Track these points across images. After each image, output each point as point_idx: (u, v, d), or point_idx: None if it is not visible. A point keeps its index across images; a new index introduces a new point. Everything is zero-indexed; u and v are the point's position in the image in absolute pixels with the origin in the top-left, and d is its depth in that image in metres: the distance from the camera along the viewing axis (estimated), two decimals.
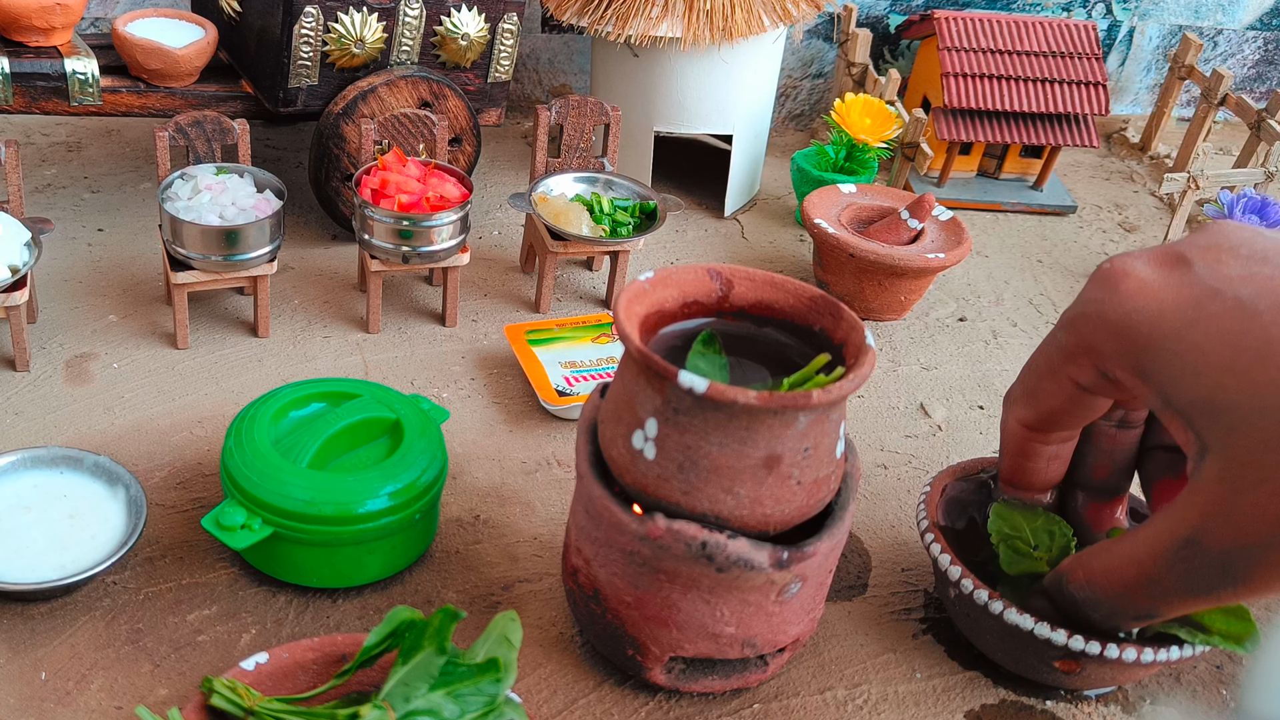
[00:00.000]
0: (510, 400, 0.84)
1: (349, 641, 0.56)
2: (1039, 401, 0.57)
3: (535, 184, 0.94)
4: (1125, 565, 0.52)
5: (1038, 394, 0.56)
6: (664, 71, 1.04)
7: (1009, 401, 0.59)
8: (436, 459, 0.66)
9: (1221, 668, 0.68)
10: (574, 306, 0.97)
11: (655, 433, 0.53)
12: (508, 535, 0.72)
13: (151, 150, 1.11)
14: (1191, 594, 0.50)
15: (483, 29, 0.97)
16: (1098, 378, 0.53)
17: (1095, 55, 1.18)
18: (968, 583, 0.61)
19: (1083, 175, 1.33)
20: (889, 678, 0.65)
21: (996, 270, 1.10)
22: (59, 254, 0.95)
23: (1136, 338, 0.49)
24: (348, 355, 0.87)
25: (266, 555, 0.64)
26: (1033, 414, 0.58)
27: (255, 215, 0.82)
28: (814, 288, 0.59)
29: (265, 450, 0.64)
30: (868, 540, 0.75)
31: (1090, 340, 0.52)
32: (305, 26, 0.89)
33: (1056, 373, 0.55)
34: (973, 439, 0.86)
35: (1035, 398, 0.57)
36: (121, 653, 0.61)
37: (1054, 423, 0.57)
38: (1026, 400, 0.58)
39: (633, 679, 0.63)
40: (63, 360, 0.83)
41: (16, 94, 0.87)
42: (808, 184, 1.08)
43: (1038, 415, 0.57)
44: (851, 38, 1.24)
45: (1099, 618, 0.56)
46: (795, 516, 0.55)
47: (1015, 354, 0.97)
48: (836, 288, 0.97)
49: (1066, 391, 0.55)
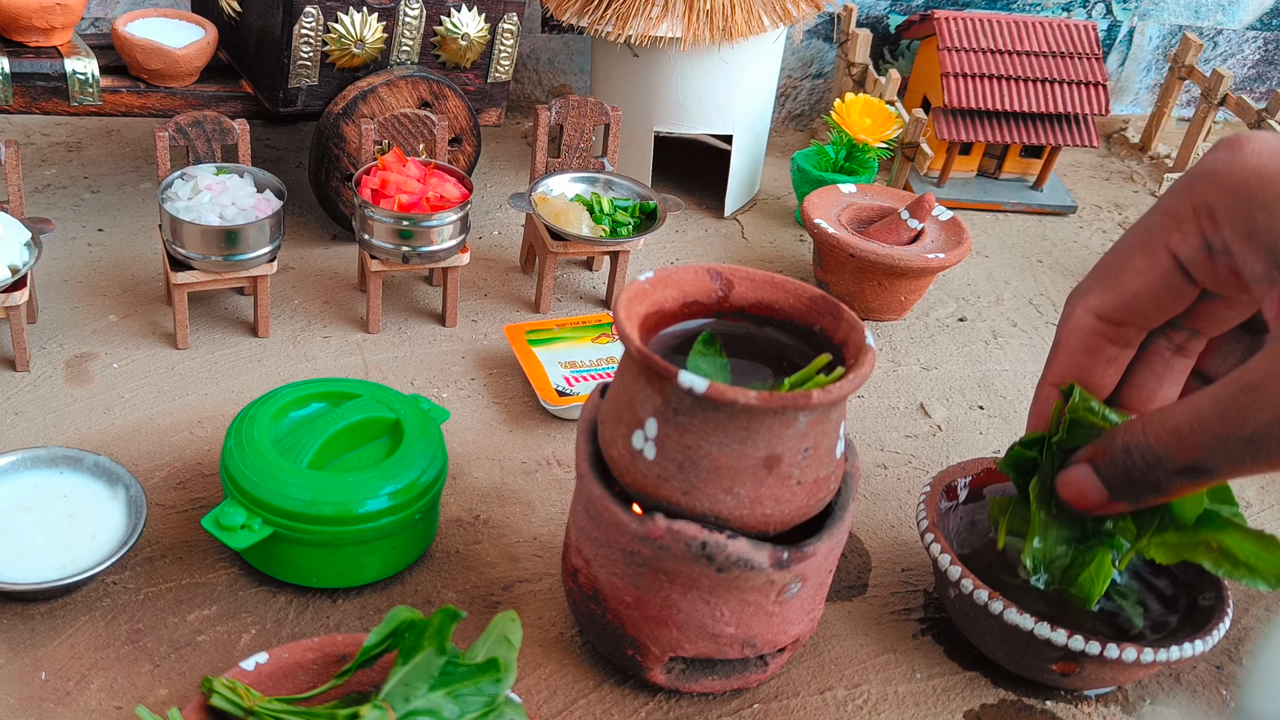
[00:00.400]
0: (510, 400, 0.84)
1: (349, 641, 0.56)
2: (1123, 282, 0.53)
3: (535, 184, 0.94)
4: (1183, 413, 0.50)
5: (1124, 273, 0.53)
6: (664, 71, 1.04)
7: (1077, 293, 0.55)
8: (436, 459, 0.66)
9: (1221, 668, 0.68)
10: (574, 306, 0.97)
11: (655, 433, 0.53)
12: (508, 535, 0.72)
13: (151, 150, 1.11)
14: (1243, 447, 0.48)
15: (483, 29, 0.97)
16: (1200, 249, 0.50)
17: (1095, 55, 1.18)
18: (968, 583, 0.61)
19: (1083, 175, 1.33)
20: (889, 678, 0.65)
21: (996, 270, 1.10)
22: (59, 254, 0.95)
23: (1254, 194, 0.47)
24: (348, 355, 0.87)
25: (266, 555, 0.64)
26: (1111, 298, 0.53)
27: (255, 215, 0.82)
28: (814, 288, 0.59)
29: (265, 450, 0.64)
30: (868, 540, 0.75)
31: (1204, 198, 0.49)
32: (305, 26, 0.89)
33: (1153, 244, 0.51)
34: (973, 439, 0.86)
35: (1119, 279, 0.53)
36: (121, 653, 0.61)
37: (1133, 310, 0.53)
38: (1106, 283, 0.53)
39: (633, 679, 0.63)
40: (63, 360, 0.83)
41: (16, 94, 0.87)
42: (808, 184, 1.08)
43: (1117, 299, 0.53)
44: (851, 38, 1.24)
45: (1144, 475, 0.52)
46: (795, 516, 0.55)
47: (1015, 354, 0.97)
48: (836, 288, 0.97)
49: (1160, 268, 0.51)
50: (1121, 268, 0.53)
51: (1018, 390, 0.92)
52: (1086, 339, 0.55)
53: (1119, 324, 0.54)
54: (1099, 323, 0.54)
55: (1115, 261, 0.53)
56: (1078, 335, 0.55)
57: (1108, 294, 0.54)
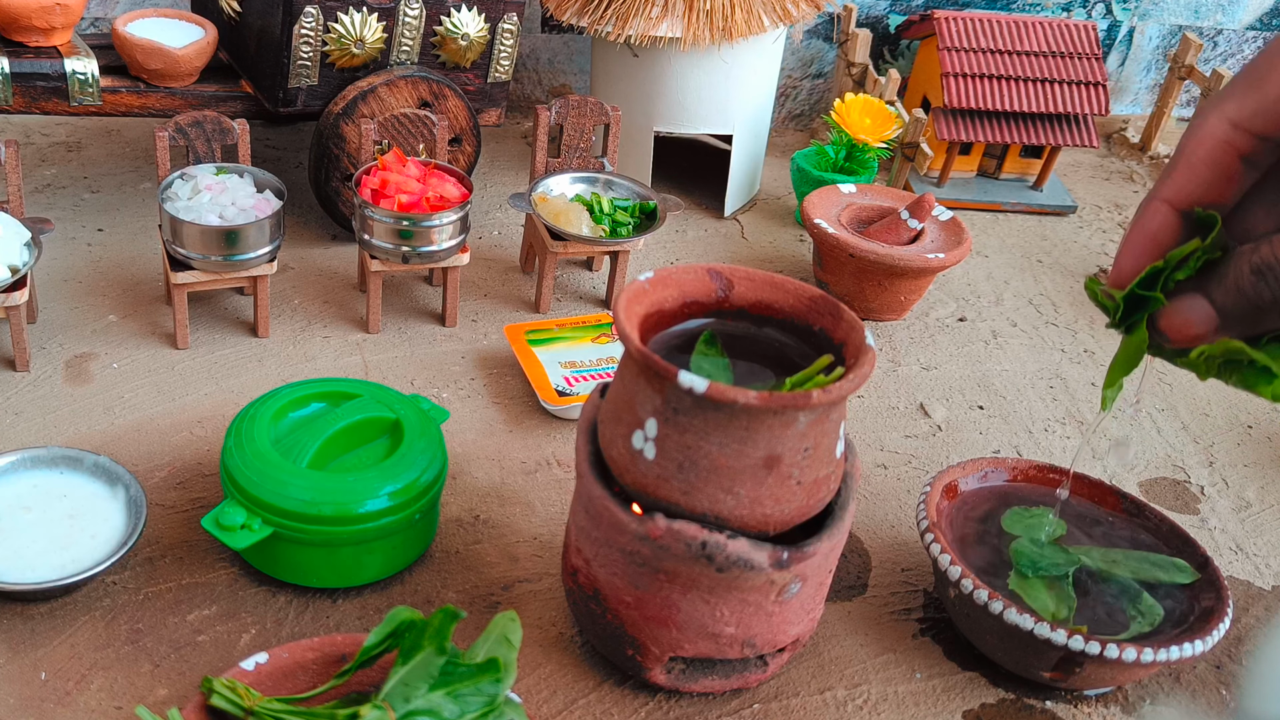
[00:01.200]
0: (510, 400, 0.84)
1: (349, 641, 0.56)
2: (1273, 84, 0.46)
3: (535, 184, 0.94)
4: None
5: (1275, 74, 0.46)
6: (664, 71, 1.04)
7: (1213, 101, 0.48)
8: (436, 459, 0.66)
9: (1221, 667, 0.68)
10: (574, 306, 0.97)
11: (655, 433, 0.53)
12: (508, 535, 0.72)
13: (151, 150, 1.11)
14: None
15: (483, 29, 0.97)
16: None
17: (1095, 55, 1.18)
18: (968, 583, 0.61)
19: (1083, 175, 1.33)
20: (889, 678, 0.65)
21: (996, 270, 1.10)
22: (59, 254, 0.95)
23: None
24: (348, 355, 0.87)
25: (266, 555, 0.64)
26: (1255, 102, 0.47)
27: (255, 215, 0.82)
28: (814, 288, 0.59)
29: (265, 450, 0.64)
30: (868, 540, 0.75)
31: None
32: (305, 26, 0.89)
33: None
34: (973, 439, 0.86)
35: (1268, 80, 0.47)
36: (121, 653, 0.61)
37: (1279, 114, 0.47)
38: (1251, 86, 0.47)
39: (633, 679, 0.63)
40: (63, 360, 0.83)
41: (16, 94, 0.87)
42: (808, 184, 1.08)
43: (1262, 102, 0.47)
44: (851, 38, 1.24)
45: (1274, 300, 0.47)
46: (795, 516, 0.55)
47: (1015, 354, 0.97)
48: (836, 288, 0.97)
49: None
50: (1270, 70, 0.46)
51: (1018, 390, 0.92)
52: (1216, 150, 0.49)
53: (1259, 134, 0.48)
54: (1235, 132, 0.48)
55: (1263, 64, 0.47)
56: (1207, 144, 0.49)
57: (1251, 99, 0.47)
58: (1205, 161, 0.49)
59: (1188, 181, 0.49)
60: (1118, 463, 0.66)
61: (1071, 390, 0.93)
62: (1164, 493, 0.83)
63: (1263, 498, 0.83)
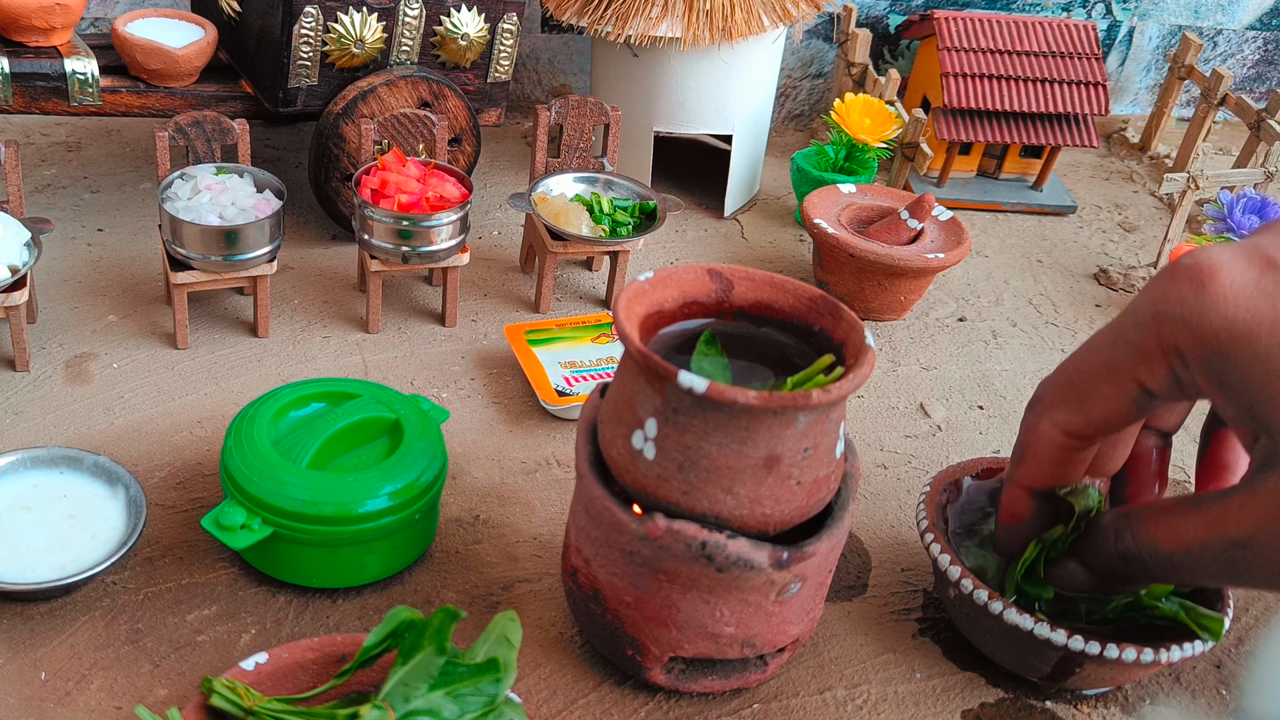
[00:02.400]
0: (510, 400, 0.84)
1: (349, 641, 0.56)
2: (1091, 407, 0.52)
3: (535, 184, 0.94)
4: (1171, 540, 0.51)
5: (1091, 398, 0.52)
6: (664, 71, 1.04)
7: (1044, 406, 0.54)
8: (436, 459, 0.66)
9: (1221, 667, 0.68)
10: (574, 306, 0.97)
11: (655, 433, 0.53)
12: (507, 535, 0.72)
13: (151, 150, 1.11)
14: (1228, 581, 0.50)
15: (482, 29, 0.97)
16: (1169, 382, 0.49)
17: (1095, 55, 1.18)
18: (968, 583, 0.61)
19: (1083, 175, 1.33)
20: (888, 678, 0.65)
21: (996, 270, 1.10)
22: (59, 254, 0.95)
23: (1224, 349, 0.46)
24: (348, 355, 0.87)
25: (266, 555, 0.64)
26: (1080, 420, 0.53)
27: (255, 215, 0.82)
28: (814, 288, 0.59)
29: (265, 450, 0.64)
30: (867, 540, 0.75)
31: (1172, 340, 0.47)
32: (305, 26, 0.89)
33: (1120, 376, 0.50)
34: (972, 439, 0.86)
35: (1086, 403, 0.52)
36: (121, 653, 0.61)
37: (1102, 428, 0.53)
38: (1073, 405, 0.53)
39: (632, 679, 0.63)
40: (63, 360, 0.83)
41: (16, 94, 0.87)
42: (808, 184, 1.08)
43: (1086, 421, 0.52)
44: (851, 38, 1.24)
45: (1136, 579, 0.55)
46: (795, 516, 0.55)
47: (1015, 354, 0.97)
48: (836, 288, 0.97)
49: (1129, 395, 0.50)
50: (1089, 393, 0.52)
51: (1017, 390, 0.92)
52: (1056, 451, 0.55)
53: (1092, 438, 0.54)
54: (1068, 438, 0.54)
55: (1081, 385, 0.52)
56: (1047, 447, 0.55)
57: (1076, 415, 0.53)
58: (1049, 459, 0.55)
59: (1038, 473, 0.57)
60: None
61: None
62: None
63: None
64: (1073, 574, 0.58)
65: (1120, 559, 0.54)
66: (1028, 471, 0.57)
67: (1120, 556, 0.54)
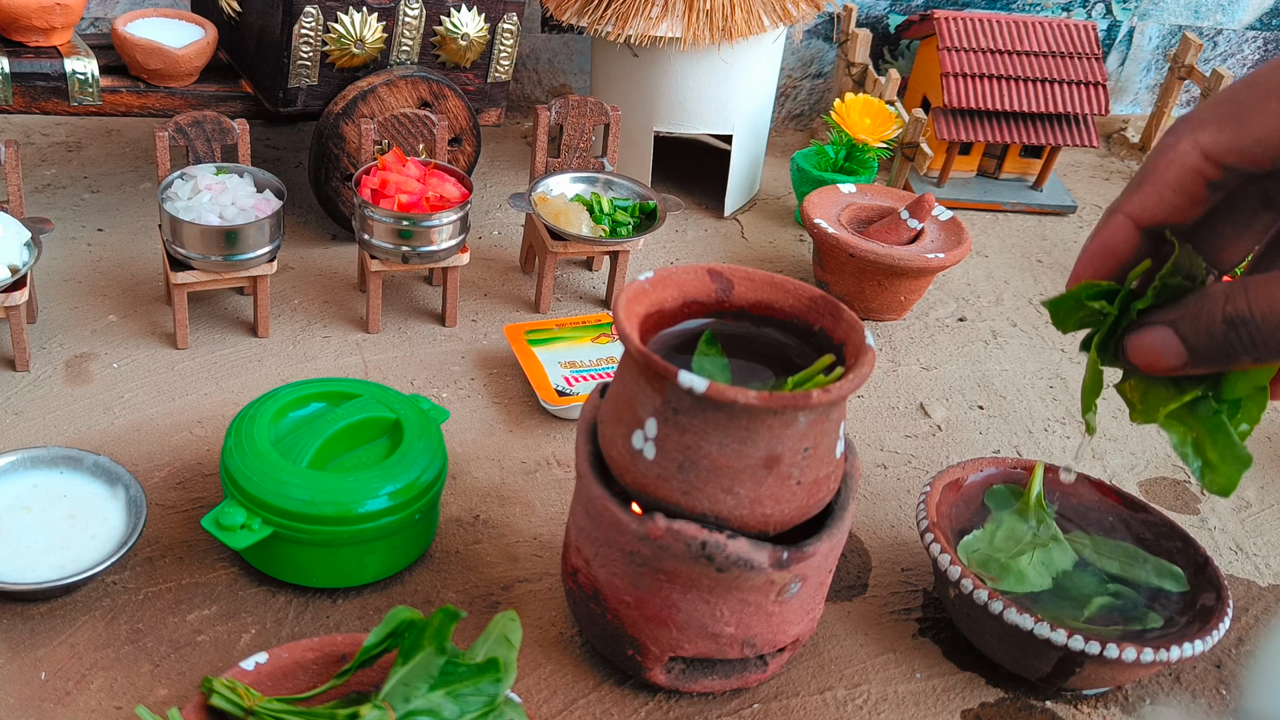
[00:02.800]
0: (510, 400, 0.84)
1: (349, 641, 0.56)
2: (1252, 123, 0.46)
3: (535, 184, 0.94)
4: None
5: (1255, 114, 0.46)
6: (664, 71, 1.04)
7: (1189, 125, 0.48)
8: (436, 459, 0.66)
9: (1221, 667, 0.68)
10: (574, 306, 0.97)
11: (655, 433, 0.53)
12: (508, 535, 0.72)
13: (151, 150, 1.11)
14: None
15: (483, 29, 0.97)
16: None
17: (1095, 55, 1.18)
18: (968, 583, 0.61)
19: (1083, 175, 1.33)
20: (888, 678, 0.65)
21: (996, 270, 1.10)
22: (59, 254, 0.95)
23: None
24: (348, 355, 0.87)
25: (266, 555, 0.64)
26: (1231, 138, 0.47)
27: (255, 215, 0.82)
28: (814, 288, 0.59)
29: (265, 450, 0.64)
30: (868, 540, 0.75)
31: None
32: (305, 26, 0.89)
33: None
34: (972, 439, 0.86)
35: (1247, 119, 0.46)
36: (121, 653, 0.61)
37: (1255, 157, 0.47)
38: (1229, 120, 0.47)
39: (633, 679, 0.63)
40: (63, 360, 0.83)
41: (16, 94, 0.87)
42: (808, 184, 1.08)
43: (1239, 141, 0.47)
44: (851, 38, 1.24)
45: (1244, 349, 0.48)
46: (795, 516, 0.55)
47: (1015, 354, 0.97)
48: (836, 288, 0.97)
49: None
50: (1253, 107, 0.46)
51: (1017, 390, 0.92)
52: (1186, 176, 0.48)
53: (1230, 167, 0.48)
54: (1206, 162, 0.48)
55: (1245, 97, 0.46)
56: (1176, 169, 0.48)
57: (1228, 133, 0.47)
58: (1173, 185, 0.49)
59: (1153, 201, 0.49)
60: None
61: (1071, 390, 0.93)
62: (1164, 492, 0.83)
63: (1262, 498, 0.83)
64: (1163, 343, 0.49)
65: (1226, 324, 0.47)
66: (1142, 198, 0.50)
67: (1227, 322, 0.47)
